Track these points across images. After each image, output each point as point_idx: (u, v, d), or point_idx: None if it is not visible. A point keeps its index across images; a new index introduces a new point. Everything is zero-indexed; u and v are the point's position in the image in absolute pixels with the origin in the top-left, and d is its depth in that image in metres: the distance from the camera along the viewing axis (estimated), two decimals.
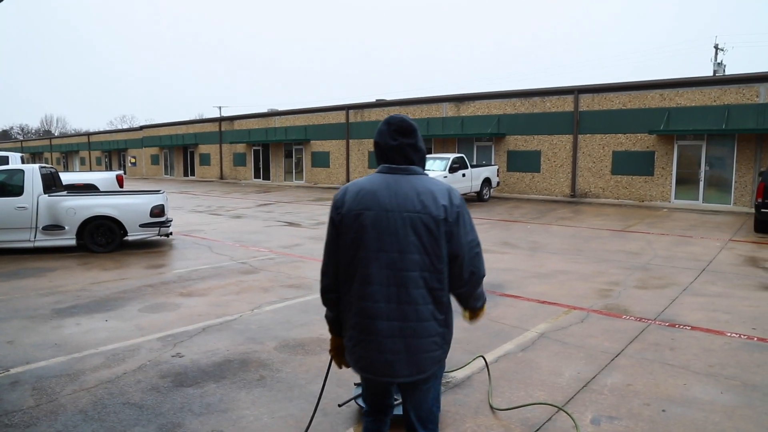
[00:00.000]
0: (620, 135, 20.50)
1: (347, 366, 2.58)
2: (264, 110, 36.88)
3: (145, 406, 4.01)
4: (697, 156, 19.11)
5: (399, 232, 2.28)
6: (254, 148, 35.91)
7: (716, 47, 37.55)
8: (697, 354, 5.05)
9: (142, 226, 10.36)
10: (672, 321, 6.04)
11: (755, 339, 5.46)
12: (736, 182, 18.35)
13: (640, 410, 3.95)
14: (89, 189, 13.89)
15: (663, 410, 3.95)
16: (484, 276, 2.49)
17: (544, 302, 6.81)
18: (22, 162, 15.64)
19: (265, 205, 19.96)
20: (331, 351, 2.68)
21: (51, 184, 10.61)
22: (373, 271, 2.30)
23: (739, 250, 10.53)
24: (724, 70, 34.29)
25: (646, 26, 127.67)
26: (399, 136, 2.38)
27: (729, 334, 5.59)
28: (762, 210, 12.24)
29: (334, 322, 2.56)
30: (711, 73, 32.18)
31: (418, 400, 2.51)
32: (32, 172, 9.93)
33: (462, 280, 2.41)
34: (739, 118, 18.00)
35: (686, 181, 19.36)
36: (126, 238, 10.36)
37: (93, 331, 5.67)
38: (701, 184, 19.06)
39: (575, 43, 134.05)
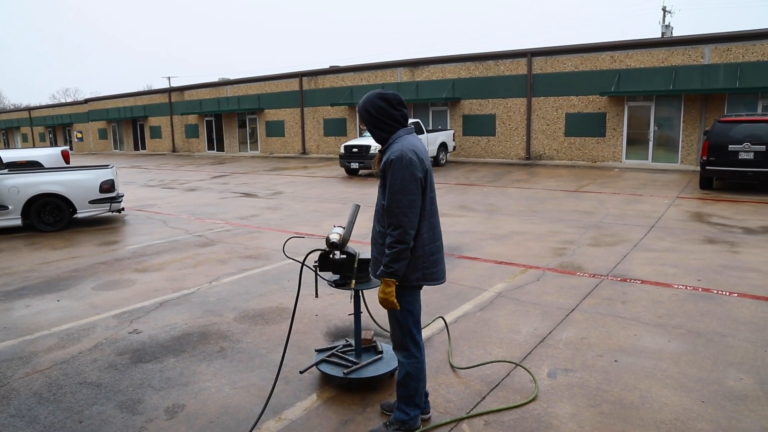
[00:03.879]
0: (573, 97, 20.81)
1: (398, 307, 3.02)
2: (215, 79, 35.83)
3: (102, 384, 3.93)
4: (647, 116, 19.60)
5: (432, 174, 3.08)
6: (206, 119, 34.98)
7: (664, 9, 38.29)
8: (646, 306, 5.26)
9: (92, 202, 10.03)
10: (623, 276, 6.26)
11: (700, 289, 5.72)
12: (683, 141, 18.95)
13: (594, 362, 4.10)
14: (33, 166, 13.32)
15: (615, 360, 4.11)
16: None
17: (500, 263, 6.94)
18: None
19: (219, 176, 19.58)
20: (393, 299, 2.94)
21: None
22: (435, 206, 3.07)
23: (686, 206, 10.94)
24: (671, 32, 35.00)
25: None
26: (401, 107, 3.03)
27: (676, 286, 5.84)
28: (707, 167, 12.70)
29: (403, 268, 2.94)
30: (659, 35, 32.81)
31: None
32: None
33: None
34: (686, 79, 18.49)
35: (636, 142, 19.87)
36: (75, 215, 10.01)
37: (44, 312, 5.50)
38: (650, 144, 19.61)
39: (523, 5, 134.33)
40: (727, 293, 5.58)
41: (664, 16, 38.36)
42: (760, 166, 12.05)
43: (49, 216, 9.82)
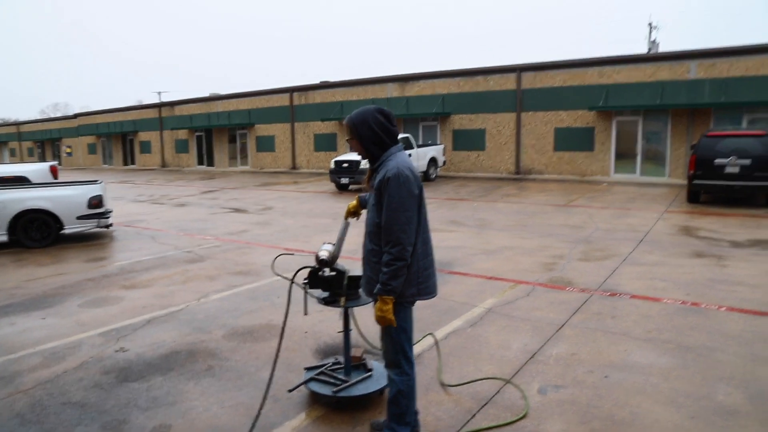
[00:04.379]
0: (561, 112, 20.99)
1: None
2: (206, 94, 35.82)
3: (87, 404, 3.87)
4: (635, 131, 19.80)
5: (423, 190, 3.09)
6: (197, 133, 34.92)
7: (650, 25, 38.86)
8: (636, 321, 5.27)
9: (80, 218, 9.94)
10: (613, 290, 6.27)
11: (689, 303, 5.74)
12: (670, 155, 19.14)
13: (585, 378, 4.09)
14: (20, 181, 13.20)
15: (606, 376, 4.10)
16: None
17: (491, 278, 6.94)
18: None
19: (209, 192, 19.51)
20: (391, 316, 2.94)
21: None
22: (427, 221, 3.10)
23: (674, 220, 11.02)
24: (657, 48, 35.47)
25: (582, 2, 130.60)
26: (395, 123, 3.08)
27: (665, 300, 5.85)
28: (694, 181, 12.82)
29: (401, 285, 2.94)
30: (645, 50, 33.26)
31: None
32: None
33: None
34: (672, 94, 18.72)
35: (625, 156, 20.05)
36: (63, 231, 9.92)
37: (29, 330, 5.42)
38: (638, 158, 19.79)
39: (510, 19, 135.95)
40: (716, 307, 5.60)
41: (650, 31, 38.95)
42: (746, 179, 12.18)
43: (36, 232, 9.71)
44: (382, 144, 3.02)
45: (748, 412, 3.53)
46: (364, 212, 3.46)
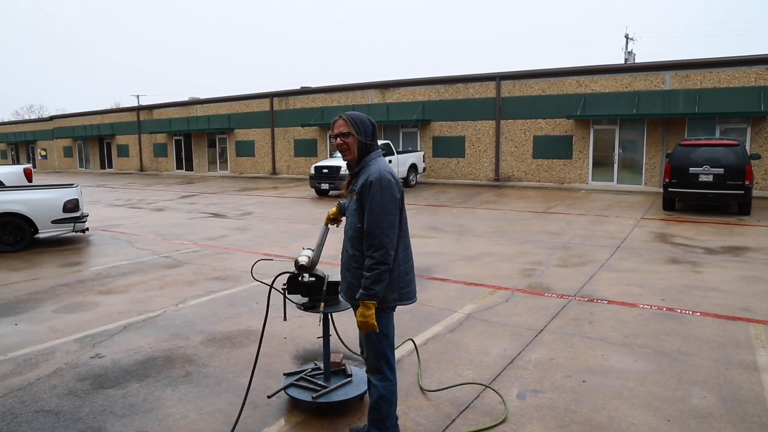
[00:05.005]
0: (540, 120, 21.24)
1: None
2: (185, 98, 35.52)
3: (61, 412, 3.79)
4: (612, 139, 20.12)
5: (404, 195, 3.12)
6: (176, 138, 34.58)
7: (627, 37, 39.56)
8: (613, 326, 5.34)
9: (55, 222, 9.77)
10: (590, 296, 6.35)
11: (664, 309, 5.83)
12: (646, 164, 19.48)
13: (563, 382, 4.13)
14: None
15: (583, 381, 4.15)
16: None
17: (470, 284, 6.98)
18: None
19: (188, 196, 19.32)
20: (373, 321, 2.93)
21: None
22: (407, 227, 3.12)
23: (650, 227, 11.20)
24: (634, 59, 36.12)
25: (560, 13, 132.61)
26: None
27: (642, 306, 5.94)
28: (669, 189, 13.06)
29: (383, 289, 2.95)
30: (622, 61, 33.84)
31: None
32: None
33: None
34: (648, 104, 19.07)
35: (602, 164, 20.35)
36: (37, 235, 9.73)
37: (1, 337, 5.29)
38: (615, 166, 20.09)
39: (488, 28, 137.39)
40: (690, 312, 5.71)
41: (627, 43, 39.63)
42: (719, 188, 12.44)
43: (9, 236, 9.51)
44: (370, 148, 3.06)
45: (721, 415, 3.60)
46: (344, 220, 3.46)
